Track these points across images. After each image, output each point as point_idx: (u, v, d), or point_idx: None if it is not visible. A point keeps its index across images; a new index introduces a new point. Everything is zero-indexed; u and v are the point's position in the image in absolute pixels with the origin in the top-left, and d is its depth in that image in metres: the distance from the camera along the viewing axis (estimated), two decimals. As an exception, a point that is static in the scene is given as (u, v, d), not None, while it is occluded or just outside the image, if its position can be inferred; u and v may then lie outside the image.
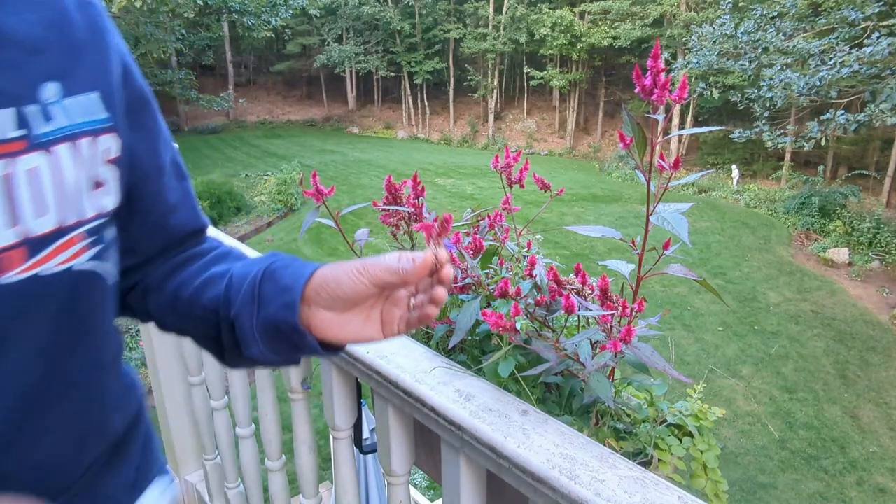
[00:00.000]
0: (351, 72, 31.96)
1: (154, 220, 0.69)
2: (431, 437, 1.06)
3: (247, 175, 19.49)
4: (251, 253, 0.83)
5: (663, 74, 0.85)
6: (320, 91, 34.00)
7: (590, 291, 0.98)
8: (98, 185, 0.55)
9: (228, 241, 1.21)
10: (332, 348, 0.64)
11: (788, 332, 10.05)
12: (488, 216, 1.23)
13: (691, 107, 23.46)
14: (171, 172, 0.71)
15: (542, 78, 26.90)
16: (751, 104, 14.24)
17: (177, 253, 0.73)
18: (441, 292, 0.59)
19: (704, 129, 1.05)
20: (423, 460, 1.21)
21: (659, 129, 0.91)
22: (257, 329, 0.61)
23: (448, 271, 0.58)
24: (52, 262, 0.51)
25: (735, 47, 13.83)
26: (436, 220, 0.59)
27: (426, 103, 30.88)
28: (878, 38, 11.07)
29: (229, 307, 0.62)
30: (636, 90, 0.87)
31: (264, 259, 0.66)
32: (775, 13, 13.62)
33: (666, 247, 0.98)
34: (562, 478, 0.73)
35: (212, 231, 0.84)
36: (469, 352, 1.08)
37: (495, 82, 29.12)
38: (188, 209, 0.73)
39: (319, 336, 0.61)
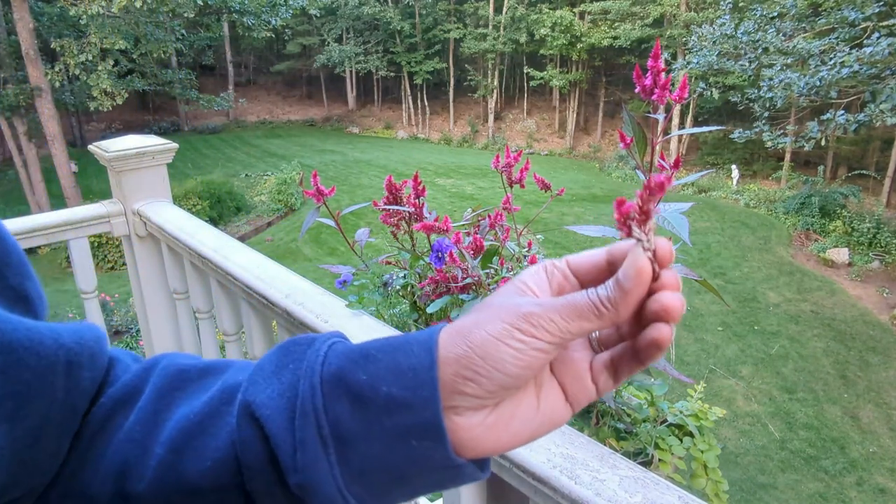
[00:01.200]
0: (351, 72, 31.98)
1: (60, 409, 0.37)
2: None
3: (247, 175, 19.53)
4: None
5: (663, 74, 0.85)
6: (320, 91, 34.03)
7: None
8: None
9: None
10: (483, 463, 0.38)
11: (788, 332, 10.06)
12: (489, 216, 1.23)
13: (691, 107, 23.47)
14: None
15: (542, 78, 26.92)
16: (751, 104, 14.26)
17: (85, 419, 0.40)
18: (670, 299, 0.32)
19: (704, 129, 1.06)
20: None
21: (659, 129, 0.91)
22: (349, 489, 0.34)
23: (672, 275, 0.33)
24: None
25: (735, 47, 13.85)
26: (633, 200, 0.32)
27: (426, 103, 30.89)
28: (878, 38, 11.08)
29: (274, 472, 0.35)
30: (636, 90, 0.87)
31: (287, 354, 0.38)
32: (775, 13, 13.64)
33: (666, 247, 0.98)
34: (562, 477, 0.73)
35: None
36: (469, 352, 1.08)
37: (495, 82, 29.12)
38: (75, 334, 0.37)
39: (470, 455, 0.35)
